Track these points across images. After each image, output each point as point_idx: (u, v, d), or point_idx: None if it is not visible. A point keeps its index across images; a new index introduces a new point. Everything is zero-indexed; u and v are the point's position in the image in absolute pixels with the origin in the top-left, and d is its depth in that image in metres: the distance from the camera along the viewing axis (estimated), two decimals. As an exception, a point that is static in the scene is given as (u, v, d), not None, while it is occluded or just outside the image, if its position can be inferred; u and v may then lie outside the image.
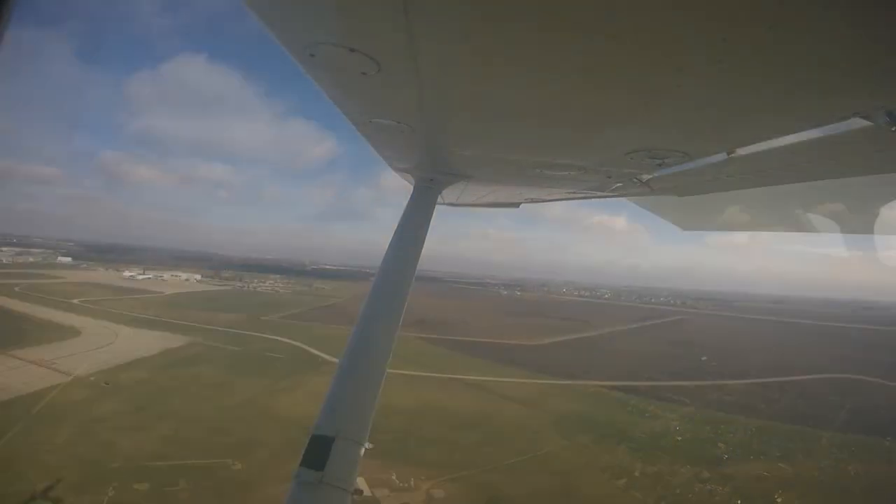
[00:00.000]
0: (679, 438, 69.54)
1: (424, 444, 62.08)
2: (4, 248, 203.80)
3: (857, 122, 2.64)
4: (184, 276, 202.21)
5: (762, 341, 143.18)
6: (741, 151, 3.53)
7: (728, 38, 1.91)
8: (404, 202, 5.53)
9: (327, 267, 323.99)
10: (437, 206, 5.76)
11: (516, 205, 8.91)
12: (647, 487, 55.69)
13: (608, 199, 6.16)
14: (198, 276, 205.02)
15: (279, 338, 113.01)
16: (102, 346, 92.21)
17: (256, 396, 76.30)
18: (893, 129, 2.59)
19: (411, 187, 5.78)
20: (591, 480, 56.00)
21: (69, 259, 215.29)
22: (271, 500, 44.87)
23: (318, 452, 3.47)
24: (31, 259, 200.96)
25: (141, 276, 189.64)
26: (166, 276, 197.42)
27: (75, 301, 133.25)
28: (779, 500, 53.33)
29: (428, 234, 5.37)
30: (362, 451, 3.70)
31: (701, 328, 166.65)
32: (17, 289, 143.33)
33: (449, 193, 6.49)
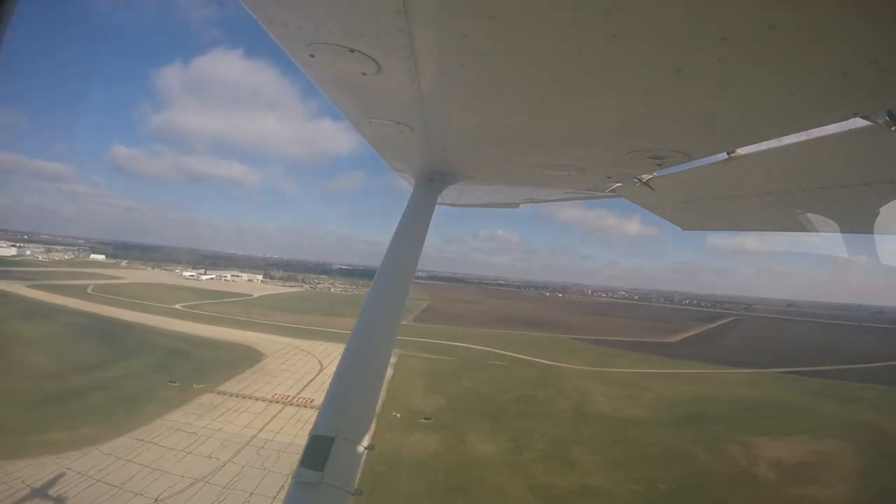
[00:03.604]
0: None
1: (764, 420, 53.06)
2: (31, 245, 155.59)
3: (857, 122, 2.42)
4: (245, 276, 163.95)
5: (821, 337, 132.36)
6: (742, 151, 3.24)
7: (728, 38, 1.74)
8: (404, 202, 4.86)
9: (344, 266, 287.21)
10: (437, 207, 5.05)
11: (516, 205, 8.35)
12: None
13: (606, 199, 5.65)
14: (259, 277, 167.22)
15: (456, 343, 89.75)
16: (315, 369, 60.62)
17: (581, 405, 58.09)
18: (893, 128, 2.37)
19: (411, 187, 5.09)
20: None
21: (102, 257, 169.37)
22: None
23: (317, 453, 3.06)
24: (65, 256, 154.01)
25: (205, 277, 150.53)
26: (228, 275, 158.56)
27: (178, 306, 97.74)
28: None
29: (434, 235, 4.78)
30: (363, 451, 3.27)
31: (764, 326, 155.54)
32: (89, 290, 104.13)
33: (449, 193, 5.73)
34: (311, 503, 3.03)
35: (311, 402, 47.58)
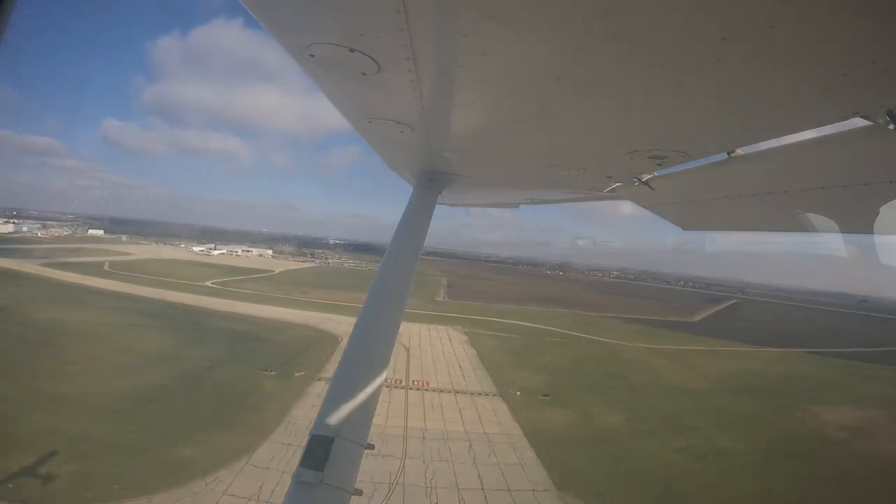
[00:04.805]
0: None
1: (809, 391, 55.67)
2: (27, 221, 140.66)
3: (857, 122, 2.36)
4: (255, 251, 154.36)
5: (822, 321, 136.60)
6: (741, 151, 3.17)
7: (728, 38, 1.70)
8: (404, 202, 4.71)
9: (339, 241, 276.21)
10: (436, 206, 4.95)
11: (516, 205, 8.06)
12: None
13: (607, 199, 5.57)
14: (269, 252, 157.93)
15: (504, 320, 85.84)
16: (399, 350, 54.82)
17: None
18: (893, 128, 2.30)
19: (411, 187, 4.96)
20: None
21: (101, 232, 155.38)
22: None
23: (317, 453, 2.98)
24: (64, 233, 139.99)
25: (216, 252, 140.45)
26: (239, 251, 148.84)
27: (209, 283, 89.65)
28: None
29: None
30: (363, 451, 3.19)
31: (766, 309, 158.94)
32: (106, 267, 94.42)
33: (449, 193, 5.58)
34: (311, 503, 2.91)
35: (427, 384, 44.05)
